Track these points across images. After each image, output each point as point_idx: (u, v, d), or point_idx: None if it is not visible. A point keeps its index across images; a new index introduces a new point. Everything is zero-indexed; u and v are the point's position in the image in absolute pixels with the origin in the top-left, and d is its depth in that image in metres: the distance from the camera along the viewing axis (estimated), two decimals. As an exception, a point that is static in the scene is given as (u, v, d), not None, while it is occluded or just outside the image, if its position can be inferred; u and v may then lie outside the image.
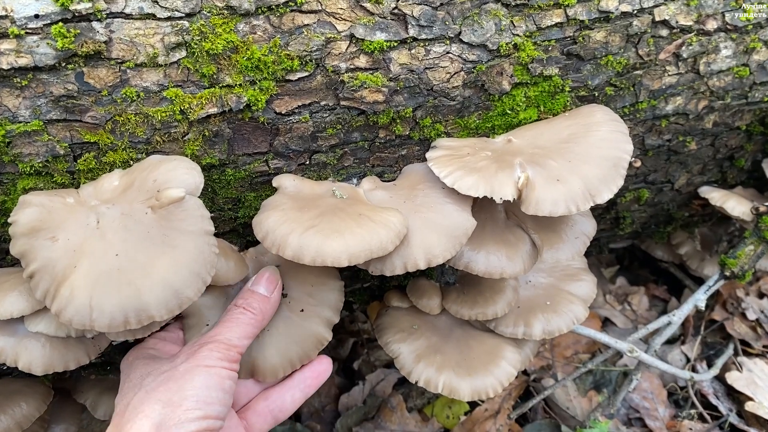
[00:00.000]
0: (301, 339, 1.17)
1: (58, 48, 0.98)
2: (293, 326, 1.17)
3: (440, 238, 1.12)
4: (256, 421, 1.16)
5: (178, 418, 0.91)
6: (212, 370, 0.97)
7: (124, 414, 0.94)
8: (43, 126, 1.01)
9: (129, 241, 0.97)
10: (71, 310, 0.91)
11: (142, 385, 0.97)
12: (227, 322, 1.06)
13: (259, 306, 1.10)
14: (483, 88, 1.23)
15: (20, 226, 0.96)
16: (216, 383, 0.96)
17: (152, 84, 1.04)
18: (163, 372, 0.98)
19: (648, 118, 1.41)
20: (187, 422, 0.91)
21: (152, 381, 0.97)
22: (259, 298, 1.11)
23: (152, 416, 0.90)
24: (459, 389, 1.32)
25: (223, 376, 0.98)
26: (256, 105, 1.08)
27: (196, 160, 1.09)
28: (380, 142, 1.22)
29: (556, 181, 1.12)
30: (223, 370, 0.98)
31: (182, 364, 0.98)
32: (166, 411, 0.91)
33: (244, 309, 1.08)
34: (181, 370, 0.97)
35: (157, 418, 0.90)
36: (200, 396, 0.94)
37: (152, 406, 0.91)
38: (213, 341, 1.02)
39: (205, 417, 0.93)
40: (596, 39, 1.27)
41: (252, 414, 1.16)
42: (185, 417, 0.91)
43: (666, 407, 1.89)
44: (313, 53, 1.10)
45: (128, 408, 0.94)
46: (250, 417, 1.15)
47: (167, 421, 0.90)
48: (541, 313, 1.38)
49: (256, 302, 1.10)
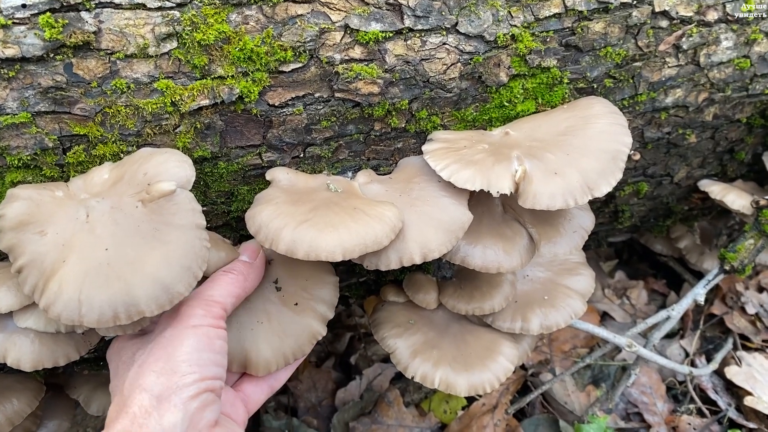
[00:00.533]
0: (295, 333, 1.15)
1: (46, 38, 0.96)
2: (287, 320, 1.15)
3: (436, 232, 1.10)
4: (253, 391, 1.15)
5: (175, 385, 0.89)
6: (199, 330, 0.95)
7: (122, 392, 0.92)
8: (31, 118, 0.99)
9: (119, 236, 0.95)
10: (60, 305, 0.90)
11: (134, 360, 0.96)
12: (208, 282, 1.04)
13: (242, 268, 1.08)
14: (480, 80, 1.21)
15: (8, 220, 0.95)
16: (205, 344, 0.94)
17: (143, 75, 1.02)
18: (151, 341, 0.96)
19: (647, 110, 1.40)
20: (186, 387, 0.90)
21: (143, 354, 0.95)
22: (241, 263, 1.09)
23: (150, 388, 0.89)
24: (456, 385, 1.30)
25: (212, 336, 0.96)
26: (248, 97, 1.06)
27: (188, 152, 1.07)
28: (376, 134, 1.20)
29: (554, 175, 1.10)
30: (210, 329, 0.96)
31: (167, 329, 0.96)
32: (162, 380, 0.90)
33: (225, 271, 1.06)
34: (168, 336, 0.95)
35: (155, 389, 0.89)
36: (192, 359, 0.92)
37: (148, 378, 0.90)
38: (193, 298, 0.99)
39: (203, 379, 0.92)
40: (595, 30, 1.25)
41: (248, 385, 1.15)
42: (182, 382, 0.90)
43: (664, 402, 1.88)
44: (307, 44, 1.08)
45: (125, 385, 0.92)
46: (246, 388, 1.15)
47: (166, 391, 0.89)
48: (538, 307, 1.37)
49: (238, 265, 1.09)
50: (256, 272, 1.11)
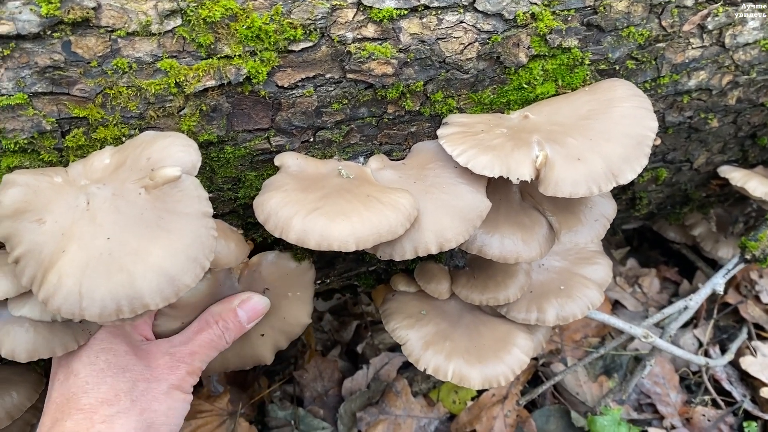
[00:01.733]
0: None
1: (43, 14, 0.90)
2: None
3: (453, 220, 1.05)
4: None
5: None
6: (187, 398, 1.04)
7: (96, 409, 0.94)
8: (28, 99, 0.93)
9: (121, 224, 0.90)
10: (59, 297, 0.85)
11: (120, 387, 0.98)
12: (205, 346, 1.07)
13: (234, 335, 1.10)
14: (498, 61, 1.15)
15: (4, 208, 0.90)
16: (184, 411, 1.04)
17: (145, 54, 0.96)
18: (146, 383, 1.00)
19: (669, 93, 1.34)
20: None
21: (133, 389, 0.98)
22: (237, 326, 1.11)
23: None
24: (469, 377, 1.26)
25: (188, 402, 1.05)
26: (256, 77, 1.01)
27: (193, 136, 1.02)
28: (389, 118, 1.15)
29: (577, 161, 1.05)
30: (189, 396, 1.05)
31: (165, 383, 1.02)
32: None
33: (223, 333, 1.09)
34: (164, 390, 1.01)
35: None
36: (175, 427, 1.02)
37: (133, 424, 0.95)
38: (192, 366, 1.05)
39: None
40: (618, 9, 1.20)
41: None
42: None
43: (678, 393, 1.84)
44: (318, 22, 1.02)
45: (102, 405, 0.95)
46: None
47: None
48: (554, 298, 1.32)
49: (233, 330, 1.10)
50: (239, 333, 1.12)
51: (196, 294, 1.10)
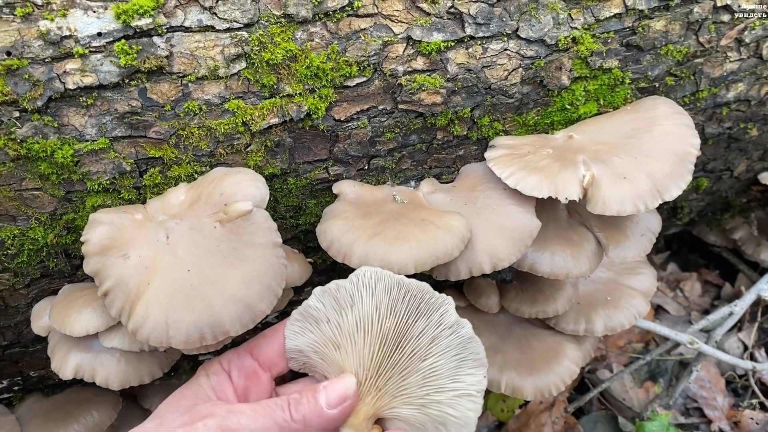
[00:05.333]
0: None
1: (122, 65, 0.98)
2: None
3: (505, 241, 1.10)
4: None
5: None
6: None
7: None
8: (110, 143, 1.01)
9: (199, 256, 0.97)
10: (148, 327, 0.92)
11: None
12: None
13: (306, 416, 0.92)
14: (542, 84, 1.20)
15: (92, 245, 0.97)
16: None
17: (214, 96, 1.03)
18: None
19: (708, 106, 1.37)
20: None
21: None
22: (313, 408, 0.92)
23: None
24: (522, 388, 1.31)
25: None
26: (316, 113, 1.07)
27: (259, 170, 1.09)
28: (438, 143, 1.21)
29: (623, 179, 1.09)
30: None
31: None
32: None
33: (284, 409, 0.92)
34: None
35: None
36: None
37: None
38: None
39: None
40: (656, 28, 1.24)
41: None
42: None
43: (725, 396, 1.86)
44: (371, 58, 1.09)
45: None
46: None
47: None
48: (602, 308, 1.36)
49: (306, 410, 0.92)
50: (323, 422, 0.93)
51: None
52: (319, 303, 0.99)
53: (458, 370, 0.96)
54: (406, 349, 0.96)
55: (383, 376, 0.97)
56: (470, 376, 0.96)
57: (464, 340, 0.96)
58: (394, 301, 0.95)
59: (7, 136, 0.97)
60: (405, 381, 0.97)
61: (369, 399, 0.97)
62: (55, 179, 1.01)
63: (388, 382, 0.97)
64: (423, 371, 0.96)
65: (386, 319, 0.95)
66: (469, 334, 0.95)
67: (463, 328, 0.95)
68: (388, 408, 0.98)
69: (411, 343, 0.96)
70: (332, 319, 0.99)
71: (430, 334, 0.96)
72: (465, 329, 0.95)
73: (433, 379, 0.96)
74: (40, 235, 1.05)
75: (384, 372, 0.97)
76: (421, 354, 0.96)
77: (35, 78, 0.95)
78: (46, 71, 0.96)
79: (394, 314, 0.96)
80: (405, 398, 0.97)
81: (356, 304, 0.97)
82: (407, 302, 0.95)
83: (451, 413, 0.96)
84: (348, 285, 0.97)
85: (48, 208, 1.04)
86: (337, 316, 0.98)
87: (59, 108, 0.98)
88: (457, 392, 0.96)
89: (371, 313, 0.96)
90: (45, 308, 1.08)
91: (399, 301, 0.95)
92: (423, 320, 0.96)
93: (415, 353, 0.96)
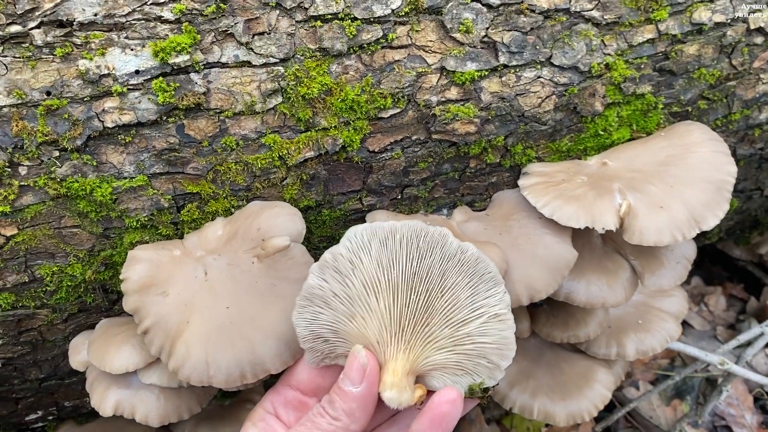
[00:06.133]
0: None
1: (159, 102, 0.98)
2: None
3: (541, 271, 1.09)
4: None
5: None
6: None
7: None
8: (148, 180, 1.01)
9: (238, 293, 0.97)
10: (189, 367, 0.92)
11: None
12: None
13: (343, 407, 0.89)
14: (575, 111, 1.20)
15: (132, 283, 0.98)
16: None
17: (250, 131, 1.03)
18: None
19: (741, 128, 1.36)
20: None
21: None
22: (344, 396, 0.89)
23: None
24: (554, 415, 1.30)
25: None
26: (351, 146, 1.07)
27: (294, 203, 1.09)
28: (471, 171, 1.20)
29: (659, 209, 1.08)
30: None
31: None
32: None
33: (322, 413, 0.90)
34: None
35: None
36: None
37: None
38: None
39: None
40: (689, 53, 1.23)
41: None
42: None
43: (753, 414, 1.84)
44: (405, 89, 1.08)
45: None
46: None
47: None
48: (633, 332, 1.35)
49: (340, 402, 0.89)
50: (363, 405, 0.89)
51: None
52: (320, 281, 0.93)
53: (476, 297, 0.92)
54: (420, 293, 0.92)
55: (407, 329, 0.92)
56: (490, 298, 0.92)
57: (472, 263, 0.92)
58: (392, 250, 0.91)
59: (47, 176, 0.97)
60: (429, 326, 0.93)
61: (401, 356, 0.92)
62: (94, 217, 1.02)
63: (413, 332, 0.92)
64: (443, 310, 0.92)
65: (391, 271, 0.91)
66: (475, 255, 0.92)
67: (468, 252, 0.91)
68: (423, 360, 0.93)
69: (423, 286, 0.92)
70: (338, 291, 0.93)
71: (438, 271, 0.91)
72: (470, 252, 0.91)
73: (455, 313, 0.92)
74: (78, 271, 1.05)
75: (406, 324, 0.92)
76: (436, 293, 0.92)
77: (74, 117, 0.96)
78: (85, 110, 0.96)
79: (398, 263, 0.91)
80: (435, 343, 0.93)
81: (357, 268, 0.92)
82: (406, 247, 0.91)
83: (486, 342, 0.92)
84: (344, 251, 0.92)
85: (86, 245, 1.04)
86: (342, 287, 0.93)
87: (98, 146, 0.98)
88: (483, 318, 0.92)
89: (375, 271, 0.92)
90: (83, 343, 1.08)
91: (398, 248, 0.91)
92: (427, 259, 0.91)
93: (430, 294, 0.92)
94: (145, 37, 0.97)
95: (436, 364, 0.93)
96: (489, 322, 0.92)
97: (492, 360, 0.93)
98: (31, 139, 0.95)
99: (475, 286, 0.93)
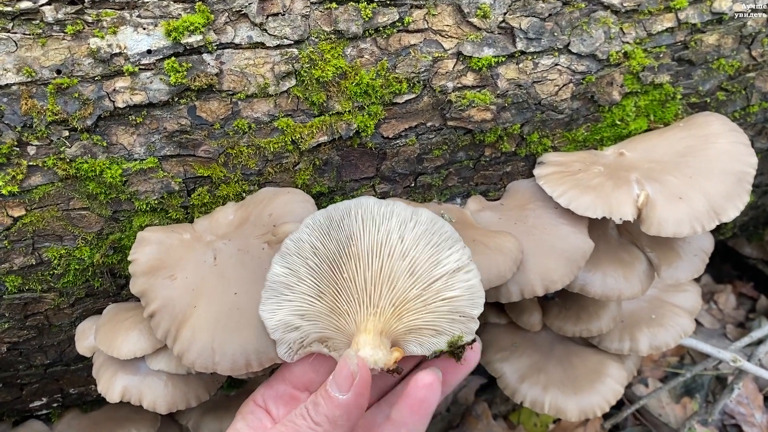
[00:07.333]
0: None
1: (171, 83, 0.96)
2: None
3: (557, 262, 1.07)
4: None
5: None
6: None
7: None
8: (158, 162, 0.99)
9: (247, 279, 0.95)
10: (194, 352, 0.90)
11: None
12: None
13: (326, 413, 0.85)
14: (592, 100, 1.17)
15: (140, 265, 0.96)
16: None
17: (263, 115, 1.01)
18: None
19: (759, 121, 1.34)
20: None
21: None
22: (329, 401, 0.85)
23: None
24: (566, 409, 1.28)
25: None
26: (365, 131, 1.05)
27: (306, 189, 1.07)
28: (485, 160, 1.18)
29: (678, 199, 1.06)
30: None
31: None
32: None
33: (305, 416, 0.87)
34: None
35: None
36: None
37: None
38: None
39: None
40: (708, 42, 1.20)
41: None
42: None
43: (763, 413, 1.82)
44: (421, 74, 1.06)
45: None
46: None
47: None
48: (646, 327, 1.33)
49: (324, 407, 0.86)
50: (347, 412, 0.85)
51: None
52: (283, 269, 0.92)
53: (438, 255, 0.93)
54: (382, 258, 0.92)
55: (374, 294, 0.92)
56: (451, 255, 0.93)
57: (428, 226, 0.93)
58: (350, 227, 0.92)
59: (57, 156, 0.95)
60: (395, 288, 0.93)
61: (371, 318, 0.92)
62: (103, 199, 1.00)
63: (380, 296, 0.92)
64: (407, 271, 0.92)
65: (351, 245, 0.92)
66: (429, 217, 0.93)
67: (421, 215, 0.93)
68: (396, 323, 0.92)
69: (384, 250, 0.92)
70: (304, 275, 0.92)
71: (396, 236, 0.93)
72: (423, 216, 0.93)
73: (419, 273, 0.93)
74: (86, 254, 1.03)
75: (372, 289, 0.92)
76: (397, 256, 0.92)
77: (85, 96, 0.94)
78: (95, 89, 0.94)
79: (356, 239, 0.92)
80: (405, 304, 0.92)
81: (318, 249, 0.92)
82: (361, 222, 0.92)
83: (454, 295, 0.93)
84: (304, 236, 0.92)
85: (95, 228, 1.02)
86: (307, 271, 0.93)
87: (108, 127, 0.96)
88: (447, 273, 0.93)
89: (336, 250, 0.92)
90: (89, 328, 1.06)
91: (354, 224, 0.92)
92: (383, 230, 0.92)
93: (392, 258, 0.92)
94: (157, 16, 0.95)
95: (411, 327, 0.93)
96: (454, 276, 0.93)
97: (465, 312, 0.93)
98: (40, 117, 0.93)
99: (436, 244, 0.94)
